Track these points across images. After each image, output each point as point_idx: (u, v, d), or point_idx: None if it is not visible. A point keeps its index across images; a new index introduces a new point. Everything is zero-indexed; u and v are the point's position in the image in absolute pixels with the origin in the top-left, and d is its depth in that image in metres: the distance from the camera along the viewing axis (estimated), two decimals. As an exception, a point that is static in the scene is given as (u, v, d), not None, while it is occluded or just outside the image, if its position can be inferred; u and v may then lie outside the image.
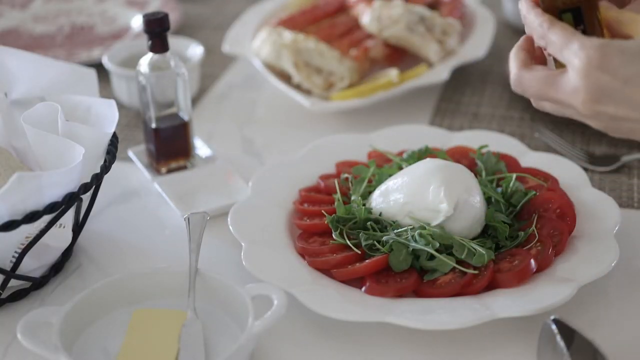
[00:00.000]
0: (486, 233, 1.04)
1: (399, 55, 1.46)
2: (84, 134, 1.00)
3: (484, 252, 0.98)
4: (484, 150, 1.14)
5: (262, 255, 1.01)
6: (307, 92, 1.38)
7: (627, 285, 1.00)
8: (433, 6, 1.55)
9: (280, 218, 1.09)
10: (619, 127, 0.84)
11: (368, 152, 1.20)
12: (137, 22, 1.69)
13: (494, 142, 1.19)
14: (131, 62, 1.36)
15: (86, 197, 1.01)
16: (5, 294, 1.00)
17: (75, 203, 0.98)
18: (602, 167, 1.22)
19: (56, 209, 0.94)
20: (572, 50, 0.83)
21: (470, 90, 1.45)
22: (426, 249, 0.98)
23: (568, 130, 1.31)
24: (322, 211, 1.06)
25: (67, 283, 1.05)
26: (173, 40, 1.39)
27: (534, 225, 1.03)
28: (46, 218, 0.95)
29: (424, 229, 1.00)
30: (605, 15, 0.94)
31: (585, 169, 1.20)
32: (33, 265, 1.00)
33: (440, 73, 1.39)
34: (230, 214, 1.07)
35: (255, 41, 1.46)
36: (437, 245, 0.98)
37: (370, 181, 1.11)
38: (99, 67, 1.40)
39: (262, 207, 1.10)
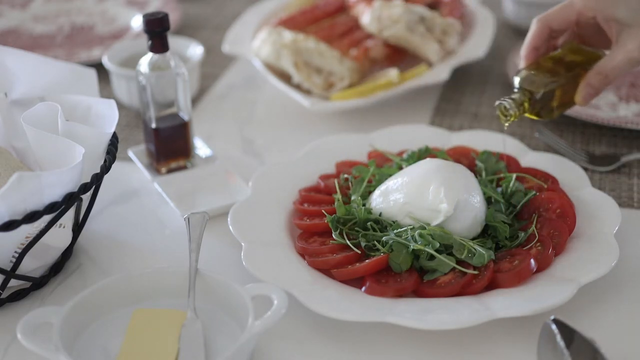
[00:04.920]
0: (486, 233, 1.04)
1: (399, 55, 1.46)
2: (84, 134, 1.00)
3: (484, 252, 0.98)
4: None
5: (262, 255, 1.01)
6: (307, 92, 1.38)
7: (627, 285, 1.00)
8: (433, 6, 1.55)
9: (280, 218, 1.09)
10: None
11: (368, 152, 1.20)
12: (137, 22, 1.69)
13: (494, 142, 1.19)
14: (131, 62, 1.36)
15: (86, 197, 1.01)
16: (5, 294, 1.00)
17: (75, 203, 0.98)
18: (602, 167, 1.22)
19: (56, 209, 0.94)
20: None
21: (470, 90, 1.45)
22: (426, 249, 0.98)
23: (568, 131, 1.31)
24: (322, 211, 1.06)
25: (67, 283, 1.04)
26: (173, 40, 1.39)
27: (534, 225, 1.03)
28: (46, 218, 0.95)
29: (424, 229, 1.00)
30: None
31: (585, 169, 1.20)
32: (33, 265, 1.00)
33: (440, 73, 1.39)
34: (230, 214, 1.07)
35: (255, 41, 1.46)
36: (437, 245, 0.98)
37: (370, 181, 1.11)
38: (99, 67, 1.40)
39: (262, 207, 1.10)
